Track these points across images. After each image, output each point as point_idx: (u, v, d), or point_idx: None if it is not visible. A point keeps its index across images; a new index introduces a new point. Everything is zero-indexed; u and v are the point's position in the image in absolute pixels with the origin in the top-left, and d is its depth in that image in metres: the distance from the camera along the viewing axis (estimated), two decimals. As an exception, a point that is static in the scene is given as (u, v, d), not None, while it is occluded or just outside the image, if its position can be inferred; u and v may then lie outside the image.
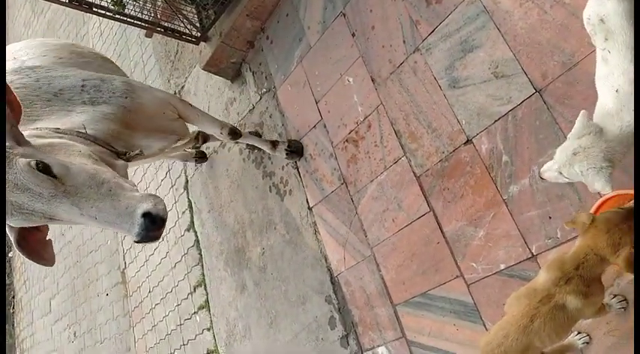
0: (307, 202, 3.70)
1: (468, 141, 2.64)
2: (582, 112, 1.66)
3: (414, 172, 2.92)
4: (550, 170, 1.71)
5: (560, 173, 1.67)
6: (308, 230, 3.62)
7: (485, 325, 2.48)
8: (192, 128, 3.52)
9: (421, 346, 2.80)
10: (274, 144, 3.71)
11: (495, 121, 2.52)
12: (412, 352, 2.86)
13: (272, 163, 4.03)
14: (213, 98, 4.72)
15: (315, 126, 3.70)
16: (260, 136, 3.98)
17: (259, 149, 3.91)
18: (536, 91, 2.35)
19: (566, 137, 2.21)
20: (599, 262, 1.68)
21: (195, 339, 4.62)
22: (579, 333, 2.11)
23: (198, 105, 4.00)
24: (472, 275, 2.56)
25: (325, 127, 3.62)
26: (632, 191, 1.87)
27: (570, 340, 2.09)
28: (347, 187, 3.39)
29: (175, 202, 5.10)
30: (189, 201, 4.93)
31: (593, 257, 1.67)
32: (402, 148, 3.01)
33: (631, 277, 1.98)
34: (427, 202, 2.83)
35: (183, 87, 5.15)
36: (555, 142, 2.26)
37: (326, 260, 3.50)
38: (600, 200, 1.94)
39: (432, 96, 2.85)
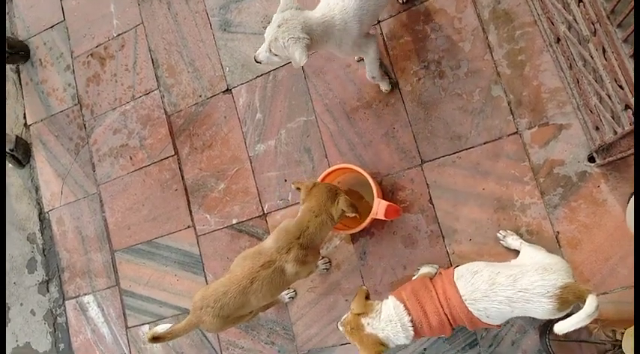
0: (25, 117, 2.97)
1: (228, 90, 2.52)
2: None
3: (165, 110, 2.64)
4: (262, 51, 1.76)
5: (271, 51, 1.73)
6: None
7: (206, 278, 2.46)
8: None
9: (135, 295, 2.61)
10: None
11: (257, 76, 2.46)
12: (123, 302, 2.64)
13: (-17, 58, 3.07)
14: None
15: (53, 27, 2.95)
16: None
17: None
18: (300, 58, 2.38)
19: (314, 110, 2.34)
20: (320, 226, 1.81)
21: None
22: (288, 288, 2.29)
23: None
24: (204, 227, 2.50)
25: (67, 31, 2.92)
26: (348, 165, 2.07)
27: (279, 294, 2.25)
28: (82, 109, 2.85)
29: None
30: None
31: (314, 220, 1.80)
32: (157, 80, 2.67)
33: (338, 242, 2.24)
34: (174, 144, 2.60)
35: None
36: (304, 112, 2.34)
37: (37, 191, 2.90)
38: (325, 172, 2.10)
39: (200, 32, 2.60)
